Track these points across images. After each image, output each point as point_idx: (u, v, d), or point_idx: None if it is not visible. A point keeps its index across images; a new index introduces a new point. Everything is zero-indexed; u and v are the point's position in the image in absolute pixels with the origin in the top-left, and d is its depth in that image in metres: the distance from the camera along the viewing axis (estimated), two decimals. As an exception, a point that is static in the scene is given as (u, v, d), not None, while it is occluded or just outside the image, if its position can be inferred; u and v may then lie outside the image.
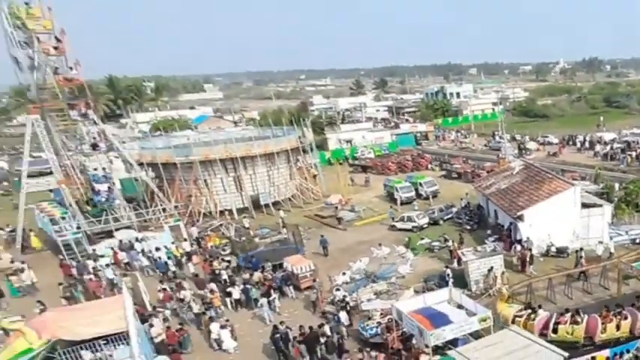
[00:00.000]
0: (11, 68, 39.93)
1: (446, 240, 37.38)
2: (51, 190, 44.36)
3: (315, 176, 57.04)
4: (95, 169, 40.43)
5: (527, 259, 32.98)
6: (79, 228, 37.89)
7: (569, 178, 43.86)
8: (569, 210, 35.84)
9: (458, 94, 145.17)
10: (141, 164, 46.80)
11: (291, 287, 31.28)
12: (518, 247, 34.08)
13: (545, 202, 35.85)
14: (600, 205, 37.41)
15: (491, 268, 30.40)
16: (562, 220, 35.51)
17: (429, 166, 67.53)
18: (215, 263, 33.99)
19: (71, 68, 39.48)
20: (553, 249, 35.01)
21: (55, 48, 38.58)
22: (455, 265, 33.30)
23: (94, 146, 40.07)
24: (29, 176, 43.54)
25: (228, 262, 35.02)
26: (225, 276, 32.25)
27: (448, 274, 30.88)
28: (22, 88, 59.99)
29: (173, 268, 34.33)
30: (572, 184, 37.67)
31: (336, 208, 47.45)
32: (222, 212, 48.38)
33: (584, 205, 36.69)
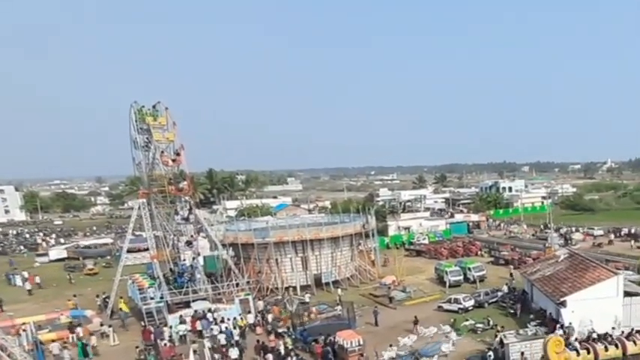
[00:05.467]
0: (130, 162, 41.36)
1: (489, 322, 34.51)
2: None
3: (373, 261, 55.08)
4: (184, 260, 39.79)
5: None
6: (162, 298, 37.66)
7: (613, 268, 40.14)
8: (612, 298, 32.59)
9: (510, 189, 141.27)
10: (224, 244, 46.55)
11: (339, 360, 29.26)
12: (560, 332, 30.83)
13: (588, 289, 32.65)
14: (643, 294, 33.62)
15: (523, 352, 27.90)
16: (604, 308, 32.12)
17: (479, 252, 64.22)
18: (272, 336, 32.54)
19: (184, 179, 38.85)
20: (594, 335, 31.43)
21: (173, 160, 37.95)
22: (497, 346, 30.38)
23: (189, 243, 39.51)
24: (129, 251, 44.39)
25: (286, 334, 33.42)
26: (281, 347, 30.73)
27: (490, 356, 28.33)
28: (136, 180, 62.21)
29: (237, 338, 32.96)
30: (615, 273, 34.27)
31: (389, 288, 45.29)
32: (287, 288, 47.11)
33: (627, 294, 33.40)
